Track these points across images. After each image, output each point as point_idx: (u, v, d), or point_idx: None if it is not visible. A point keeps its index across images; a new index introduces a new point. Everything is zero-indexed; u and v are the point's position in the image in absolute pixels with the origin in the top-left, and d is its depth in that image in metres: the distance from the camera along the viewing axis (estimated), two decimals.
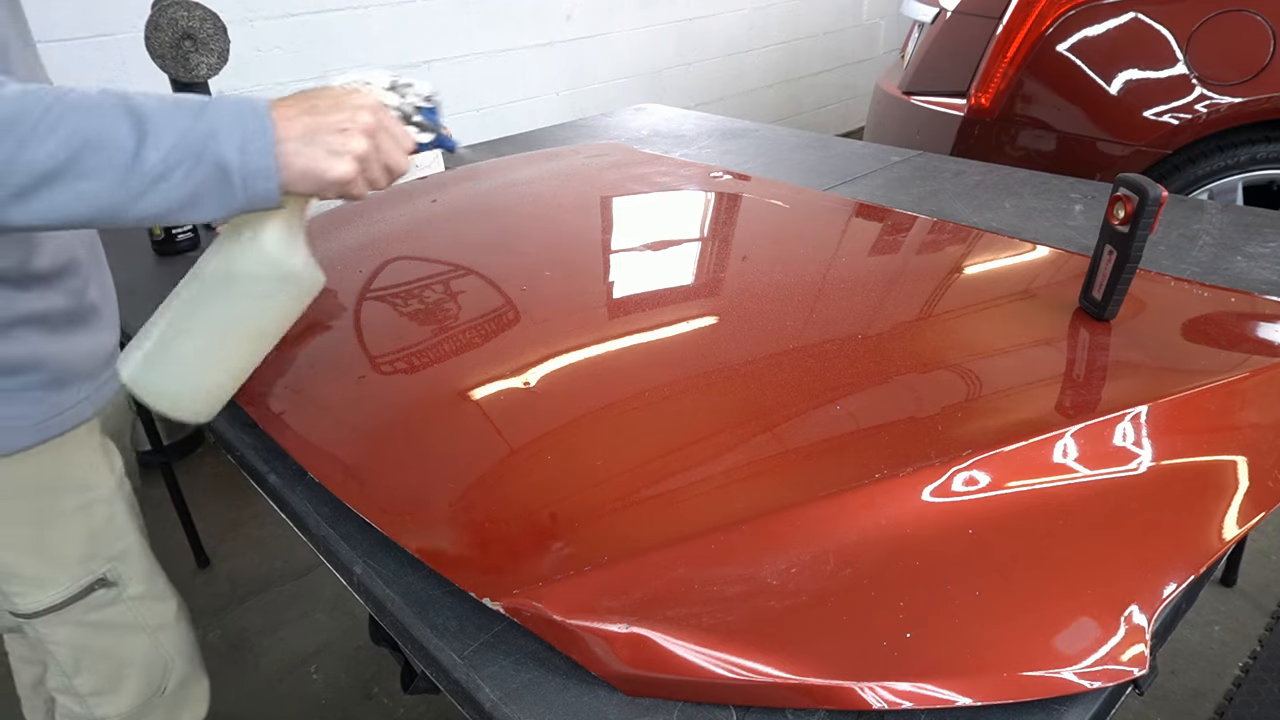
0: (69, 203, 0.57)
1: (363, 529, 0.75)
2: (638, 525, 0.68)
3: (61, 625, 0.89)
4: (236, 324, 0.70)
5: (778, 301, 1.01)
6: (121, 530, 0.91)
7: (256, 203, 0.63)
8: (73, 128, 0.56)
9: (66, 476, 0.84)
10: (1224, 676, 1.47)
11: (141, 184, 0.58)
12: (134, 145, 0.58)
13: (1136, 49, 1.88)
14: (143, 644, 0.96)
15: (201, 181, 0.60)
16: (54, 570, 0.86)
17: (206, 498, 2.13)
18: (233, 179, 0.61)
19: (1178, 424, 0.76)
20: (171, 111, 0.59)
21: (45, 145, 0.55)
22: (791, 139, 1.91)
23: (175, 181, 0.59)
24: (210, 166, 0.60)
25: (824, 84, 4.40)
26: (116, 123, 0.58)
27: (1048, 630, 0.58)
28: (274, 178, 0.62)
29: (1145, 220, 0.86)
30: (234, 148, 0.60)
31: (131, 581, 0.93)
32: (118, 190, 0.58)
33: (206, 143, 0.59)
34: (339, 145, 0.64)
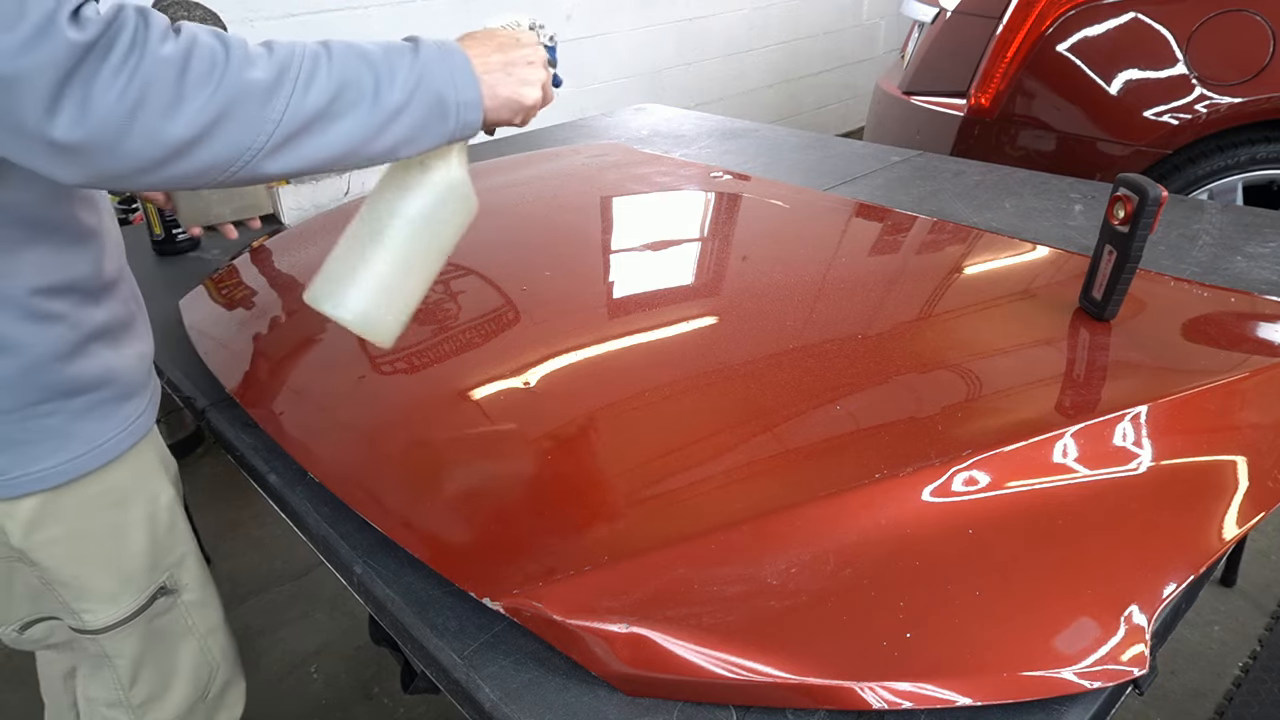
0: (323, 144, 0.62)
1: (363, 529, 0.75)
2: (638, 525, 0.68)
3: (128, 638, 0.88)
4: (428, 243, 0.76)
5: (778, 301, 1.01)
6: (181, 536, 0.92)
7: (464, 131, 0.70)
8: (325, 74, 0.61)
9: (136, 487, 0.84)
10: (1224, 676, 1.47)
11: (384, 119, 0.64)
12: (374, 85, 0.63)
13: (1136, 49, 1.88)
14: (193, 649, 0.96)
15: (426, 113, 0.66)
16: (125, 583, 0.86)
17: (206, 498, 2.13)
18: (449, 110, 0.67)
19: (1178, 424, 0.76)
20: (391, 54, 0.65)
21: (310, 94, 0.60)
22: (791, 139, 1.91)
23: (408, 116, 0.65)
24: (432, 100, 0.66)
25: (824, 84, 4.40)
26: (358, 64, 0.63)
27: (1048, 630, 0.58)
28: (480, 107, 0.69)
29: (1145, 220, 0.86)
30: (447, 83, 0.67)
31: (188, 587, 0.93)
32: (363, 128, 0.63)
33: (425, 79, 0.65)
34: (530, 75, 0.73)
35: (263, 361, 1.02)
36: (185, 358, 1.09)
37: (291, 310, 1.13)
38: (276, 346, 1.05)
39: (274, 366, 1.01)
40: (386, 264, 0.74)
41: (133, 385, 0.81)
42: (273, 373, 0.99)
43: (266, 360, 1.02)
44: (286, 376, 0.97)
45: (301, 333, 1.07)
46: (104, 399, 0.77)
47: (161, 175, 0.57)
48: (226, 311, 1.15)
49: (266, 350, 1.05)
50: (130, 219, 2.15)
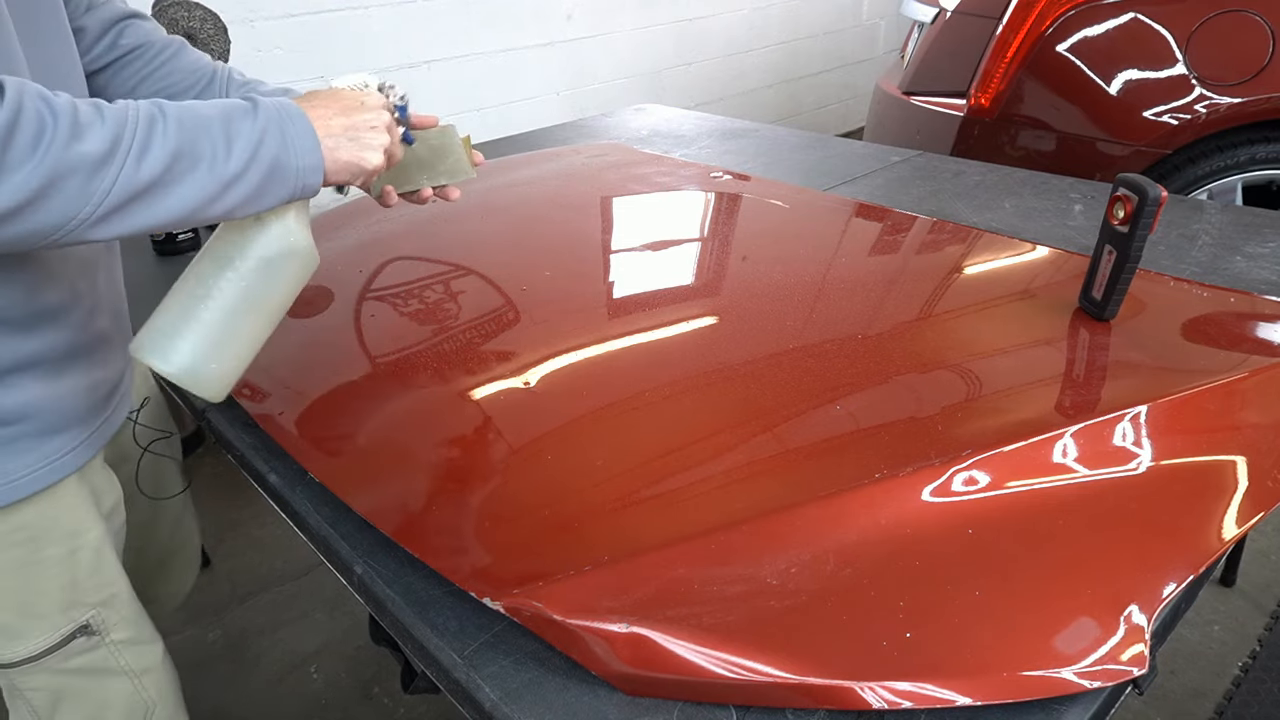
0: (157, 212, 0.62)
1: (363, 529, 0.75)
2: (638, 525, 0.68)
3: (38, 674, 0.84)
4: (260, 300, 0.75)
5: (778, 301, 1.01)
6: (108, 576, 0.87)
7: (305, 193, 0.70)
8: (161, 141, 0.61)
9: (53, 525, 0.79)
10: (1224, 676, 1.47)
11: (221, 185, 0.64)
12: (210, 153, 0.63)
13: (1136, 49, 1.88)
14: (124, 689, 0.91)
15: (264, 178, 0.66)
16: (33, 621, 0.81)
17: (206, 498, 2.13)
18: (288, 174, 0.67)
19: (1177, 424, 0.76)
20: (230, 117, 0.65)
21: (144, 164, 0.60)
22: (791, 139, 1.91)
23: (246, 181, 0.65)
24: (271, 164, 0.66)
25: (824, 84, 4.40)
26: (195, 134, 0.63)
27: (1047, 630, 0.58)
28: (320, 171, 0.70)
29: (1145, 220, 0.86)
30: (287, 147, 0.67)
31: (116, 626, 0.88)
32: (201, 193, 0.63)
33: (264, 144, 0.65)
34: (374, 140, 0.73)
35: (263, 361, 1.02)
36: None
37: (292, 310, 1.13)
38: (277, 347, 1.05)
39: (274, 366, 1.01)
40: (214, 319, 0.73)
41: (64, 420, 0.77)
42: (272, 373, 0.99)
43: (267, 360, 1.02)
44: (286, 377, 0.97)
45: (302, 333, 1.07)
46: (21, 433, 0.74)
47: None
48: None
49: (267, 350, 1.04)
50: None
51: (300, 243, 0.75)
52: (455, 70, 2.86)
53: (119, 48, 0.87)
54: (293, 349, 1.04)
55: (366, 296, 1.12)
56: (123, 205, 0.59)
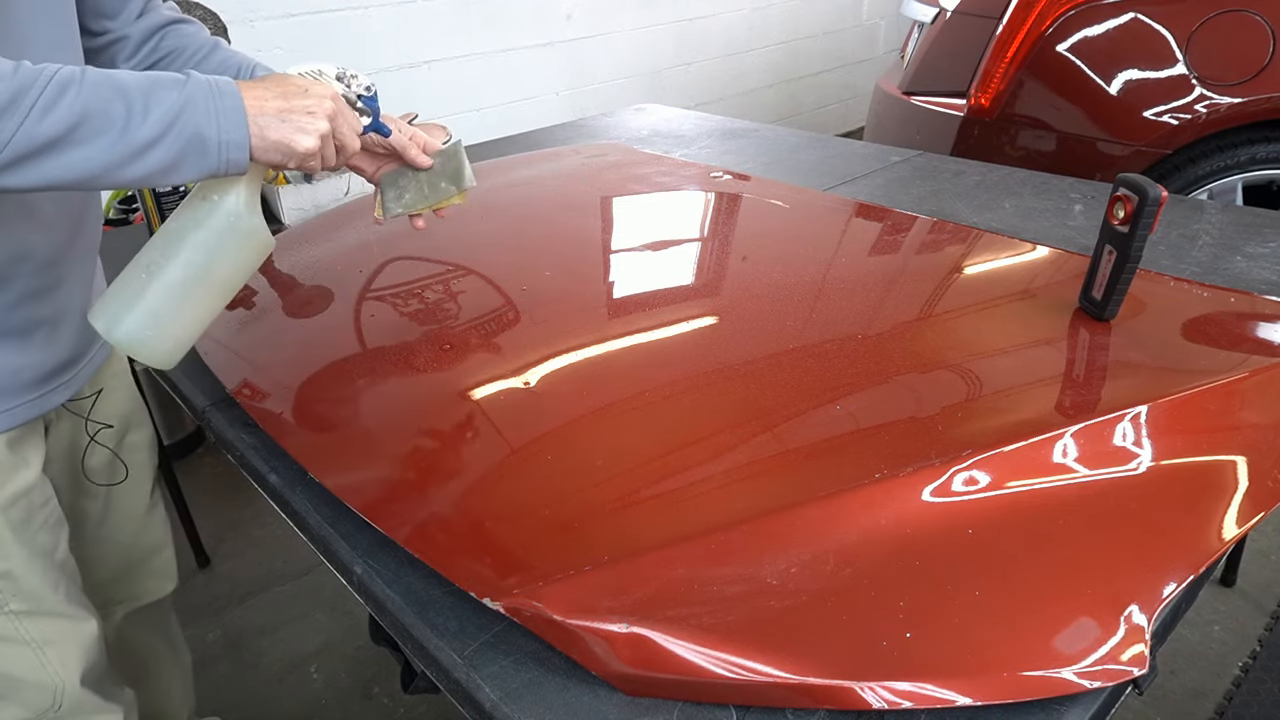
0: (63, 168, 0.64)
1: (363, 529, 0.75)
2: (637, 525, 0.68)
3: None
4: (205, 274, 0.78)
5: (778, 301, 1.01)
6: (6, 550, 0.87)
7: (231, 168, 0.71)
8: (70, 101, 0.62)
9: None
10: (1224, 676, 1.47)
11: (129, 151, 0.66)
12: (124, 117, 0.65)
13: (1136, 49, 1.88)
14: (28, 658, 0.92)
15: (182, 150, 0.68)
16: None
17: (206, 498, 2.13)
18: (209, 146, 0.69)
19: (1177, 424, 0.76)
20: (154, 88, 0.67)
21: (46, 119, 0.62)
22: (791, 139, 1.91)
23: (161, 149, 0.67)
24: (190, 135, 0.68)
25: (824, 84, 4.40)
26: (108, 95, 0.64)
27: (1048, 630, 0.58)
28: (245, 147, 0.71)
29: (1145, 220, 0.86)
30: (210, 121, 0.68)
31: (14, 599, 0.89)
32: (106, 157, 0.65)
33: (184, 115, 0.67)
34: (307, 123, 0.74)
35: (263, 361, 1.02)
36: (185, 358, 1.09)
37: (292, 310, 1.13)
38: (277, 346, 1.05)
39: (274, 366, 1.01)
40: (161, 291, 0.76)
41: None
42: (273, 373, 0.99)
43: (266, 360, 1.02)
44: (287, 376, 0.97)
45: (302, 333, 1.07)
46: None
47: None
48: (227, 311, 1.15)
49: (267, 350, 1.05)
50: (130, 219, 2.15)
51: (245, 223, 0.77)
52: (455, 70, 2.86)
53: (159, 51, 0.93)
54: (293, 349, 1.04)
55: (366, 296, 1.12)
56: (26, 157, 0.62)
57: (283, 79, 0.76)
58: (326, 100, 0.76)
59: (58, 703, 0.95)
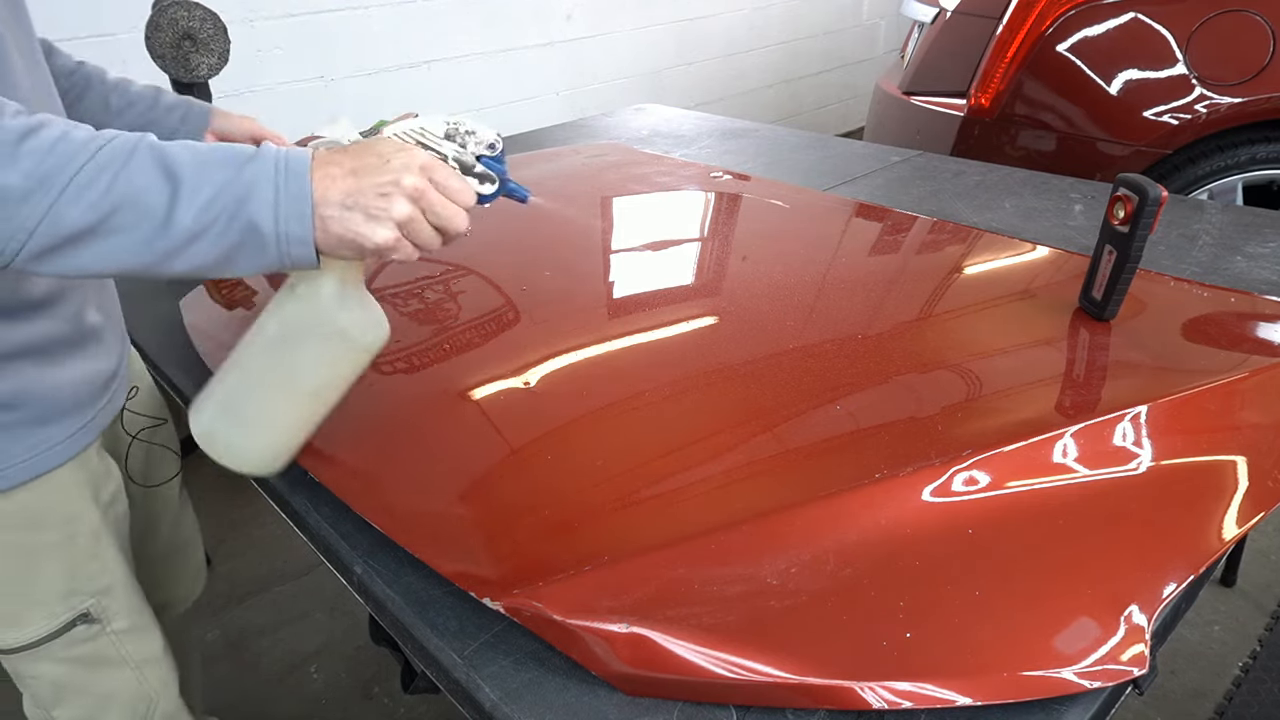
0: (94, 260, 0.56)
1: (363, 529, 0.75)
2: (637, 525, 0.68)
3: (39, 661, 0.84)
4: (292, 380, 0.68)
5: (778, 301, 1.01)
6: (107, 564, 0.87)
7: (295, 264, 0.60)
8: (106, 186, 0.54)
9: (50, 510, 0.80)
10: (1224, 676, 1.47)
11: (172, 244, 0.57)
12: (166, 204, 0.56)
13: (1136, 49, 1.88)
14: (127, 678, 0.92)
15: (235, 243, 0.58)
16: (31, 608, 0.81)
17: (206, 498, 2.13)
18: (267, 242, 0.58)
19: (1178, 424, 0.76)
20: (208, 167, 0.57)
21: (76, 207, 0.54)
22: (791, 139, 1.91)
23: (207, 242, 0.57)
24: (243, 228, 0.58)
25: (824, 84, 4.40)
26: (150, 179, 0.56)
27: (1047, 630, 0.58)
28: (309, 243, 0.59)
29: (1145, 220, 0.86)
30: (268, 210, 0.58)
31: (117, 616, 0.88)
32: (147, 250, 0.56)
33: (241, 205, 0.57)
34: (379, 209, 0.60)
35: None
36: (185, 358, 1.09)
37: None
38: None
39: None
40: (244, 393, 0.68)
41: (59, 408, 0.77)
42: None
43: None
44: None
45: None
46: (17, 420, 0.74)
47: None
48: (226, 311, 1.15)
49: None
50: None
51: (332, 322, 0.64)
52: (455, 70, 2.86)
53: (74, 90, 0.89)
54: None
55: None
56: (54, 247, 0.55)
57: (366, 146, 0.62)
58: (408, 175, 0.61)
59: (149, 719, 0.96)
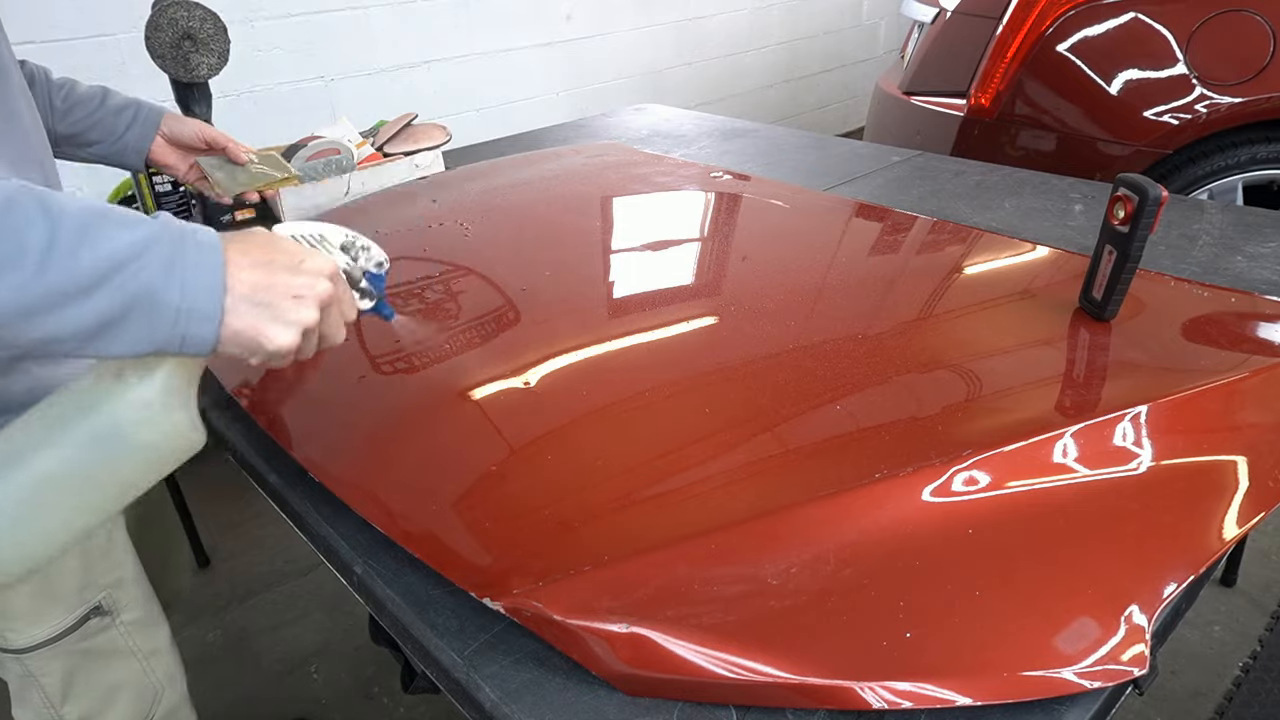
0: None
1: (363, 529, 0.75)
2: (638, 525, 0.68)
3: (54, 658, 0.85)
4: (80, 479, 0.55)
5: (778, 301, 1.01)
6: (119, 557, 0.88)
7: (189, 347, 0.52)
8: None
9: None
10: (1224, 676, 1.47)
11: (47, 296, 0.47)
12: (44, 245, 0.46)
13: (1136, 49, 1.88)
14: (134, 669, 0.93)
15: (121, 310, 0.49)
16: (50, 604, 0.82)
17: (206, 498, 2.13)
18: (163, 314, 0.50)
19: (1178, 424, 0.76)
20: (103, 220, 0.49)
21: None
22: (791, 139, 1.91)
23: (94, 303, 0.48)
24: (140, 292, 0.49)
25: (824, 84, 4.40)
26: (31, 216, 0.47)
27: (1048, 630, 0.58)
28: (215, 321, 0.52)
29: (1145, 220, 0.86)
30: (173, 280, 0.50)
31: (127, 608, 0.90)
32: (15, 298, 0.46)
33: (140, 264, 0.49)
34: (290, 313, 0.56)
35: None
36: None
37: None
38: None
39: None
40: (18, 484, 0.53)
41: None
42: (273, 373, 0.99)
43: None
44: (287, 376, 0.97)
45: None
46: None
47: None
48: None
49: None
50: None
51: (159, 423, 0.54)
52: (455, 70, 2.86)
53: None
54: None
55: None
56: None
57: (272, 241, 0.57)
58: (322, 281, 0.57)
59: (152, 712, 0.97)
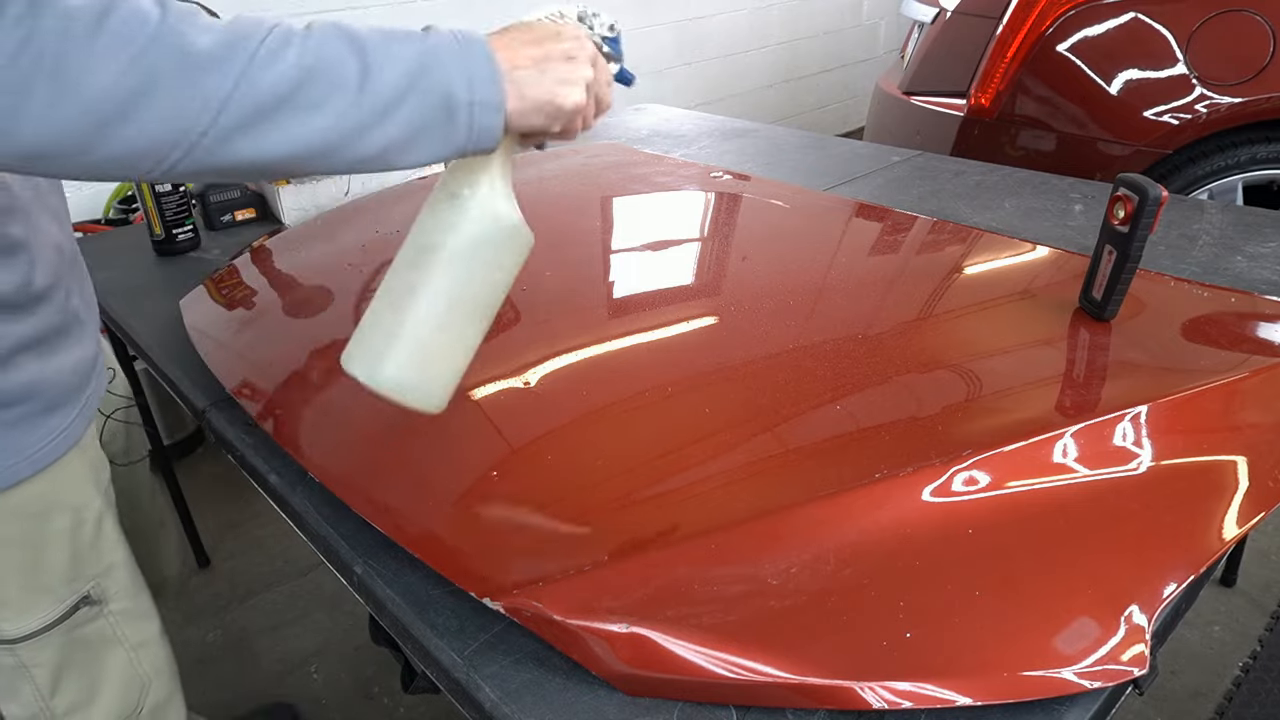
0: (291, 138, 0.52)
1: (363, 529, 0.75)
2: (637, 525, 0.68)
3: (45, 648, 0.86)
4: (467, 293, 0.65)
5: (778, 301, 1.01)
6: (108, 546, 0.89)
7: (481, 139, 0.59)
8: (297, 53, 0.51)
9: (59, 499, 0.81)
10: (1224, 676, 1.47)
11: (366, 115, 0.54)
12: (359, 73, 0.53)
13: (1136, 49, 1.88)
14: (121, 660, 0.93)
15: (426, 114, 0.56)
16: (41, 594, 0.83)
17: (206, 498, 2.13)
18: (458, 112, 0.57)
19: (1178, 424, 0.76)
20: (391, 40, 0.55)
21: (270, 72, 0.50)
22: (791, 139, 1.91)
23: (401, 113, 0.55)
24: (436, 97, 0.55)
25: (824, 84, 4.40)
26: (340, 49, 0.53)
27: (1048, 630, 0.58)
28: (501, 110, 0.58)
29: (1145, 220, 0.86)
30: (460, 77, 0.56)
31: (116, 597, 0.90)
32: (342, 122, 0.53)
33: (431, 72, 0.55)
34: (570, 74, 0.61)
35: (263, 361, 1.02)
36: (185, 358, 1.09)
37: (292, 310, 1.13)
38: (277, 346, 1.05)
39: (274, 366, 1.01)
40: (420, 321, 0.64)
41: (62, 395, 0.78)
42: (273, 373, 0.99)
43: (267, 360, 1.02)
44: (286, 376, 0.97)
45: (302, 333, 1.07)
46: (29, 412, 0.75)
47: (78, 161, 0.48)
48: (227, 311, 1.15)
49: (267, 350, 1.05)
50: (131, 219, 2.15)
51: (505, 219, 0.64)
52: None
53: None
54: (293, 349, 1.04)
55: (366, 297, 1.12)
56: (249, 123, 0.50)
57: (527, 25, 0.63)
58: (586, 42, 0.63)
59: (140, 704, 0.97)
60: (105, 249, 1.53)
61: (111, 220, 2.18)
